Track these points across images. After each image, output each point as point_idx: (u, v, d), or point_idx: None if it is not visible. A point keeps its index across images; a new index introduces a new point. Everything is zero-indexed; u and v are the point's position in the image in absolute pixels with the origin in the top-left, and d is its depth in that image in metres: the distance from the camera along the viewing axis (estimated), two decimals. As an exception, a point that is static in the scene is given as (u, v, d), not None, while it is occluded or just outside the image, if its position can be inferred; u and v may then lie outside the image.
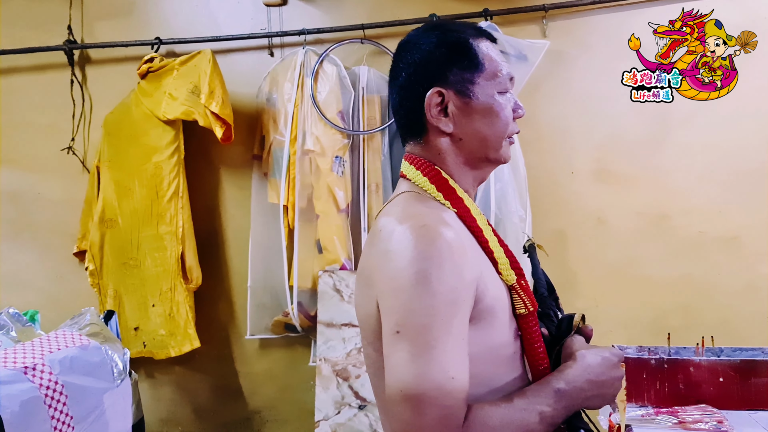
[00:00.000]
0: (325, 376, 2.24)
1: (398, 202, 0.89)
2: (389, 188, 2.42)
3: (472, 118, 0.88)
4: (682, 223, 2.23)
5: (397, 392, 0.72)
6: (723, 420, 1.25)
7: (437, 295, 0.74)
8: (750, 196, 2.18)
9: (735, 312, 2.13)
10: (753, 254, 2.18)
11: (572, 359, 0.82)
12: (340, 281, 2.31)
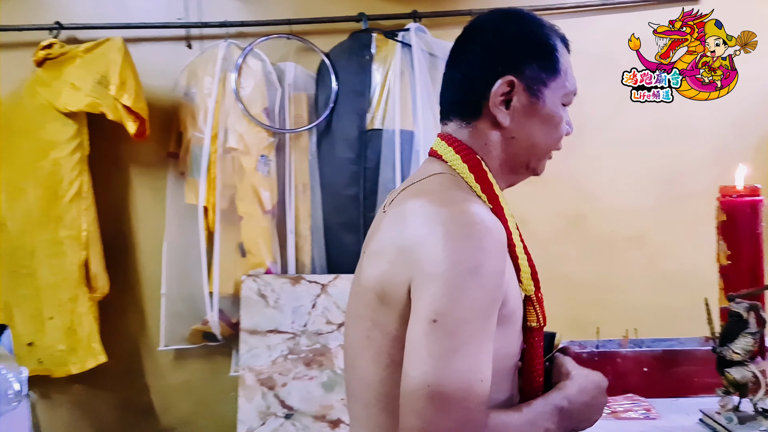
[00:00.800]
0: (249, 386, 2.13)
1: (435, 181, 0.82)
2: (317, 189, 2.35)
3: (531, 120, 0.86)
4: (596, 223, 2.36)
5: (423, 386, 0.66)
6: (650, 408, 1.32)
7: (484, 291, 0.70)
8: (655, 198, 2.35)
9: (643, 305, 2.28)
10: (657, 252, 2.35)
11: (569, 379, 0.81)
12: (265, 286, 2.21)
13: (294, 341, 2.16)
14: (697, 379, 1.38)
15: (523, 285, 0.80)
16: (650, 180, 2.36)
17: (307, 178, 2.38)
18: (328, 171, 2.35)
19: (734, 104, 2.30)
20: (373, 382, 0.78)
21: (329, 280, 2.21)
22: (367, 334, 0.78)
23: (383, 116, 2.30)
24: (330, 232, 2.34)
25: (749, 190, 1.43)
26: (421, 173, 0.87)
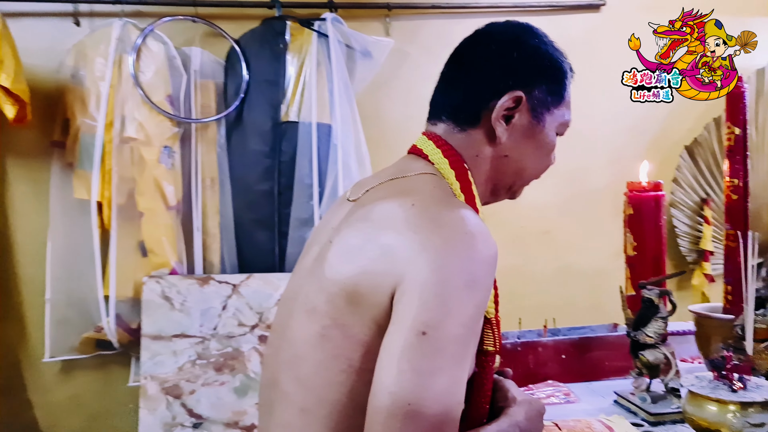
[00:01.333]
0: (152, 396, 1.96)
1: (425, 181, 0.77)
2: (226, 183, 2.22)
3: (527, 143, 0.82)
4: (508, 218, 2.43)
5: (402, 404, 0.59)
6: (569, 393, 1.36)
7: (476, 308, 0.64)
8: (561, 195, 2.47)
9: (549, 296, 2.39)
10: (562, 246, 2.48)
11: (515, 404, 0.78)
12: (170, 288, 2.04)
13: (203, 345, 2.01)
14: (608, 363, 1.45)
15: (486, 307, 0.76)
16: (557, 178, 2.47)
17: (215, 172, 2.23)
18: (238, 165, 2.22)
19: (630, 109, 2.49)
20: (320, 387, 0.70)
21: (241, 280, 2.09)
22: (323, 332, 0.70)
23: (299, 108, 2.21)
24: (241, 229, 2.21)
25: (653, 186, 1.53)
26: (403, 169, 0.81)
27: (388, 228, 0.69)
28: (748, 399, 1.00)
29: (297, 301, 0.77)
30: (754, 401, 1.00)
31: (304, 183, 2.15)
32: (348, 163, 2.17)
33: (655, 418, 1.19)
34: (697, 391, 1.06)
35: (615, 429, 1.08)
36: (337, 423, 0.68)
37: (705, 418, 1.03)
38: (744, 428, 0.99)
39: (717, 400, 1.02)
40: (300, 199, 2.15)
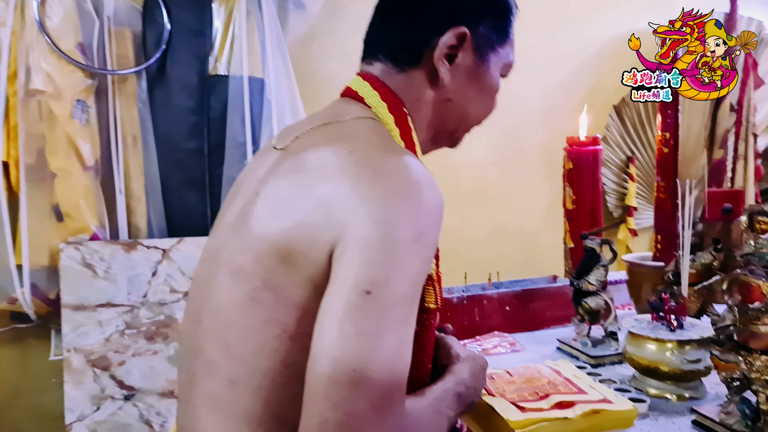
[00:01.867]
0: (77, 369, 1.83)
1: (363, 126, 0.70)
2: (150, 142, 2.06)
3: (471, 85, 0.76)
4: (445, 177, 2.44)
5: (346, 371, 0.53)
6: (515, 342, 1.39)
7: (422, 263, 0.60)
8: (496, 153, 2.50)
9: (485, 253, 2.44)
10: (497, 206, 2.52)
11: (459, 362, 0.77)
12: (91, 254, 1.89)
13: (132, 314, 1.89)
14: (549, 312, 1.50)
15: None
16: (492, 136, 2.49)
17: (137, 130, 2.06)
18: (163, 121, 2.06)
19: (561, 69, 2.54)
20: (250, 355, 0.63)
21: (171, 245, 1.97)
22: (253, 295, 0.63)
23: (228, 61, 2.08)
24: (169, 191, 2.07)
25: (591, 140, 1.57)
26: (337, 113, 0.74)
27: (324, 178, 0.62)
28: (685, 337, 1.06)
29: (220, 262, 0.70)
30: (691, 339, 1.05)
31: (236, 141, 2.04)
32: (283, 119, 2.07)
33: (595, 360, 1.23)
34: (637, 332, 1.10)
35: (562, 372, 1.11)
36: (269, 394, 0.62)
37: (645, 357, 1.08)
38: (682, 365, 1.04)
39: (656, 340, 1.07)
40: (232, 158, 2.04)
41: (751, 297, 0.89)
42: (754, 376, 0.87)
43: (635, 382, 1.12)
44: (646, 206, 2.54)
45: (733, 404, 0.91)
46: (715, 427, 0.92)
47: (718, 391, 1.08)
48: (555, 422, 0.93)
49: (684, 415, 1.00)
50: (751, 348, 0.87)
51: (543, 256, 2.46)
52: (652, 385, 1.09)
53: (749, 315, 0.88)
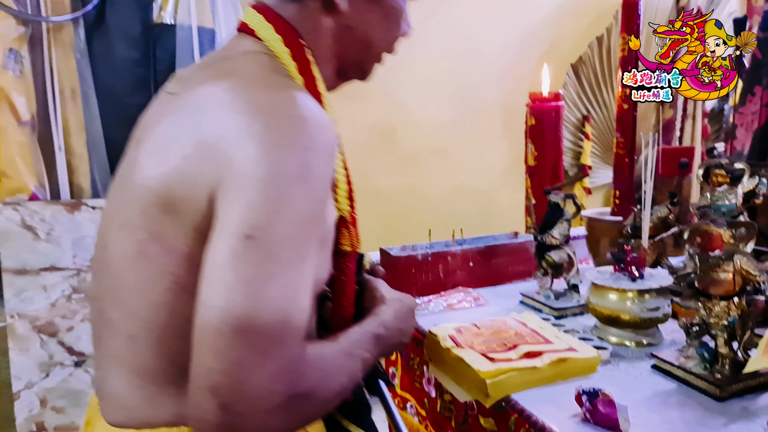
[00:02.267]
0: (22, 336, 1.74)
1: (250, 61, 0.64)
2: (91, 95, 1.93)
3: (370, 10, 0.71)
4: (406, 136, 2.41)
5: (229, 320, 0.51)
6: (479, 297, 1.41)
7: (311, 202, 0.56)
8: (455, 112, 2.49)
9: (445, 211, 2.45)
10: (457, 164, 2.52)
11: (383, 304, 0.74)
12: (31, 215, 1.77)
13: (79, 278, 1.80)
14: (511, 268, 1.52)
15: (338, 203, 0.69)
16: (451, 95, 2.48)
17: (75, 82, 1.92)
18: (105, 74, 1.93)
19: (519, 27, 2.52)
20: (144, 310, 0.61)
21: (120, 204, 1.86)
22: (141, 248, 0.60)
23: (174, 9, 1.95)
24: (114, 148, 1.95)
25: (553, 96, 1.57)
26: (227, 50, 0.69)
27: (202, 117, 0.58)
28: (645, 287, 1.09)
29: (111, 217, 0.66)
30: (651, 288, 1.09)
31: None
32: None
33: (559, 312, 1.26)
34: (600, 283, 1.13)
35: (528, 323, 1.13)
36: (169, 348, 0.60)
37: (607, 306, 1.11)
38: (642, 313, 1.08)
39: (618, 290, 1.10)
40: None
41: (712, 245, 0.92)
42: (713, 321, 0.90)
43: (597, 332, 1.15)
44: (600, 165, 2.60)
45: (693, 348, 0.94)
46: (674, 371, 0.95)
47: (674, 337, 1.12)
48: (524, 371, 0.95)
49: (643, 360, 1.04)
50: (711, 294, 0.90)
51: (502, 213, 2.49)
52: (613, 333, 1.12)
53: (709, 263, 0.91)
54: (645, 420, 0.84)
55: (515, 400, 0.91)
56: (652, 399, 0.90)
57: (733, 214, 1.13)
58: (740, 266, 0.88)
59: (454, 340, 1.06)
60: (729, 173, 1.12)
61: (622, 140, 1.53)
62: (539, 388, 0.95)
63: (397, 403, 1.35)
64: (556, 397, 0.92)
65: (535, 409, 0.88)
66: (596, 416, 0.83)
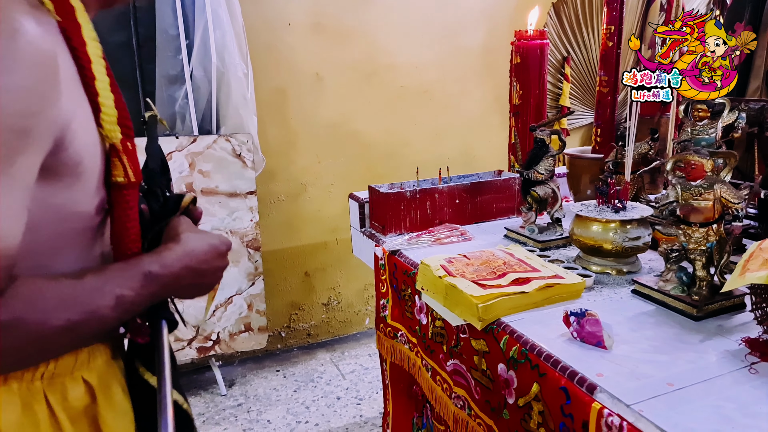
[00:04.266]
0: None
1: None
2: (65, 34, 1.85)
3: None
4: (387, 78, 2.39)
5: None
6: (465, 232, 1.45)
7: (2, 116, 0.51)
8: (436, 53, 2.46)
9: (427, 155, 2.47)
10: (439, 106, 2.52)
11: (174, 241, 0.69)
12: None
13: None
14: (496, 205, 1.56)
15: (105, 129, 0.63)
16: (433, 35, 2.45)
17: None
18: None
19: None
20: None
21: (101, 147, 1.83)
22: None
23: (148, -59, 1.86)
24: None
25: (538, 34, 1.57)
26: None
27: None
28: (627, 217, 1.14)
29: None
30: (633, 218, 1.14)
31: (169, 34, 1.88)
32: (218, 11, 1.92)
33: (543, 245, 1.32)
34: (585, 214, 1.18)
35: (515, 254, 1.18)
36: None
37: (590, 236, 1.16)
38: (624, 242, 1.13)
39: (601, 221, 1.15)
40: (165, 52, 1.88)
41: (694, 175, 0.96)
42: (692, 246, 0.96)
43: (580, 261, 1.21)
44: (579, 107, 2.63)
45: (672, 273, 1.00)
46: (653, 294, 1.02)
47: (652, 266, 1.19)
48: (514, 296, 1.00)
49: (624, 286, 1.11)
50: (691, 221, 0.96)
51: (485, 154, 2.53)
52: (595, 262, 1.18)
53: (691, 191, 0.96)
54: (627, 337, 0.90)
55: (506, 322, 0.97)
56: (633, 319, 0.97)
57: (713, 148, 1.17)
58: (720, 194, 0.94)
59: (446, 269, 1.11)
60: (710, 108, 1.17)
61: (606, 78, 1.55)
62: (528, 311, 1.01)
63: (388, 333, 1.41)
64: (545, 319, 0.98)
65: (525, 330, 0.94)
66: (583, 334, 0.89)
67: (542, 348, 0.88)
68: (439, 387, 1.18)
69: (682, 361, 0.82)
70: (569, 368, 0.82)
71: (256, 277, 2.14)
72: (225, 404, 2.24)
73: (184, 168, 1.94)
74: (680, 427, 0.67)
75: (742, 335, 0.88)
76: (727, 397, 0.73)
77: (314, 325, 2.63)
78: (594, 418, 0.74)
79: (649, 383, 0.77)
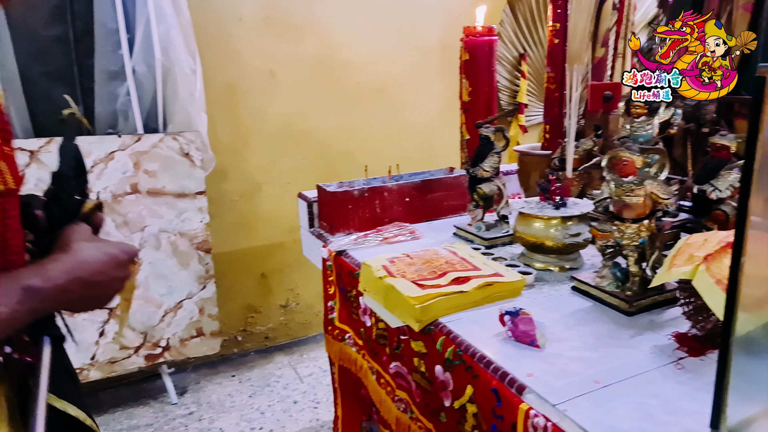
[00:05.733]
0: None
1: None
2: (2, 27, 1.77)
3: None
4: (343, 75, 2.36)
5: None
6: (414, 231, 1.44)
7: None
8: (394, 50, 2.44)
9: (385, 153, 2.45)
10: (397, 103, 2.50)
11: (63, 251, 0.65)
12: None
13: None
14: (446, 202, 1.55)
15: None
16: (391, 33, 2.43)
17: (-19, 12, 1.76)
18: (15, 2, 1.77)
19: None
20: None
21: (40, 146, 1.76)
22: None
23: (87, -68, 1.79)
24: (31, 84, 1.83)
25: (487, 30, 1.56)
26: None
27: None
28: (568, 214, 1.14)
29: None
30: (573, 215, 1.14)
31: (108, 28, 1.81)
32: (161, 4, 1.86)
33: (489, 242, 1.31)
34: (527, 212, 1.17)
35: (458, 252, 1.17)
36: None
37: (532, 233, 1.16)
38: (564, 239, 1.13)
39: (542, 218, 1.15)
40: (103, 47, 1.81)
41: (626, 171, 0.96)
42: (626, 242, 0.96)
43: (523, 259, 1.21)
44: (536, 103, 2.64)
45: (607, 269, 1.01)
46: (590, 290, 1.02)
47: (594, 262, 1.20)
48: (452, 296, 0.99)
49: (564, 283, 1.11)
50: (624, 218, 0.96)
51: (442, 151, 2.51)
52: (538, 259, 1.18)
53: (624, 188, 0.96)
54: (562, 335, 0.90)
55: (443, 323, 0.96)
56: (569, 317, 0.97)
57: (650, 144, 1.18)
58: (651, 190, 0.94)
59: (387, 270, 1.09)
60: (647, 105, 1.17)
61: (552, 75, 1.55)
62: (467, 311, 1.00)
63: (336, 336, 1.39)
64: (482, 318, 0.97)
65: (461, 331, 0.93)
66: (517, 333, 0.88)
67: (476, 349, 0.87)
68: (383, 390, 1.16)
69: (611, 357, 0.82)
70: (501, 369, 0.81)
71: (207, 280, 2.09)
72: (175, 413, 2.18)
73: (128, 168, 1.88)
74: (602, 426, 0.67)
75: (673, 330, 0.88)
76: (651, 393, 0.73)
77: (272, 328, 2.58)
78: (522, 420, 0.73)
79: (576, 381, 0.77)
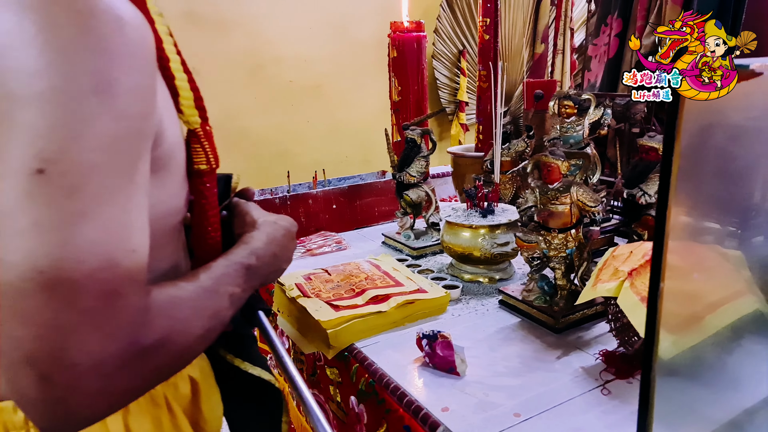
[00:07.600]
0: None
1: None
2: None
3: None
4: (274, 72, 2.25)
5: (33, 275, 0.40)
6: (341, 240, 1.35)
7: (121, 120, 0.44)
8: (329, 47, 2.34)
9: (323, 152, 2.35)
10: (333, 102, 2.40)
11: (255, 229, 0.66)
12: None
13: None
14: (377, 209, 1.47)
15: (184, 115, 0.58)
16: (325, 28, 2.32)
17: None
18: None
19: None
20: None
21: None
22: None
23: None
24: None
25: (415, 25, 1.48)
26: None
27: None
28: (495, 222, 1.08)
29: None
30: (501, 223, 1.07)
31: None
32: None
33: (417, 252, 1.23)
34: (453, 220, 1.10)
35: (382, 266, 1.09)
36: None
37: (460, 244, 1.09)
38: (492, 248, 1.07)
39: (469, 227, 1.08)
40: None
41: (551, 178, 0.90)
42: (553, 253, 0.90)
43: (452, 270, 1.14)
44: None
45: (534, 282, 0.94)
46: (518, 305, 0.96)
47: (526, 270, 1.13)
48: (369, 317, 0.90)
49: (493, 296, 1.04)
50: (550, 227, 0.90)
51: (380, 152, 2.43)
52: (466, 270, 1.11)
53: (548, 195, 0.90)
54: (484, 358, 0.83)
55: (358, 348, 0.87)
56: (494, 336, 0.90)
57: (581, 146, 1.13)
58: (577, 197, 0.88)
59: (301, 289, 1.00)
60: (576, 104, 1.12)
61: (484, 73, 1.49)
62: (387, 333, 0.92)
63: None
64: (403, 341, 0.89)
65: (377, 357, 0.84)
66: (435, 359, 0.80)
67: (390, 378, 0.79)
68: (303, 418, 1.07)
69: (535, 384, 0.76)
70: (414, 403, 0.73)
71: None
72: None
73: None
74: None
75: (602, 347, 0.83)
76: (574, 426, 0.67)
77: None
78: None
79: (495, 415, 0.69)
